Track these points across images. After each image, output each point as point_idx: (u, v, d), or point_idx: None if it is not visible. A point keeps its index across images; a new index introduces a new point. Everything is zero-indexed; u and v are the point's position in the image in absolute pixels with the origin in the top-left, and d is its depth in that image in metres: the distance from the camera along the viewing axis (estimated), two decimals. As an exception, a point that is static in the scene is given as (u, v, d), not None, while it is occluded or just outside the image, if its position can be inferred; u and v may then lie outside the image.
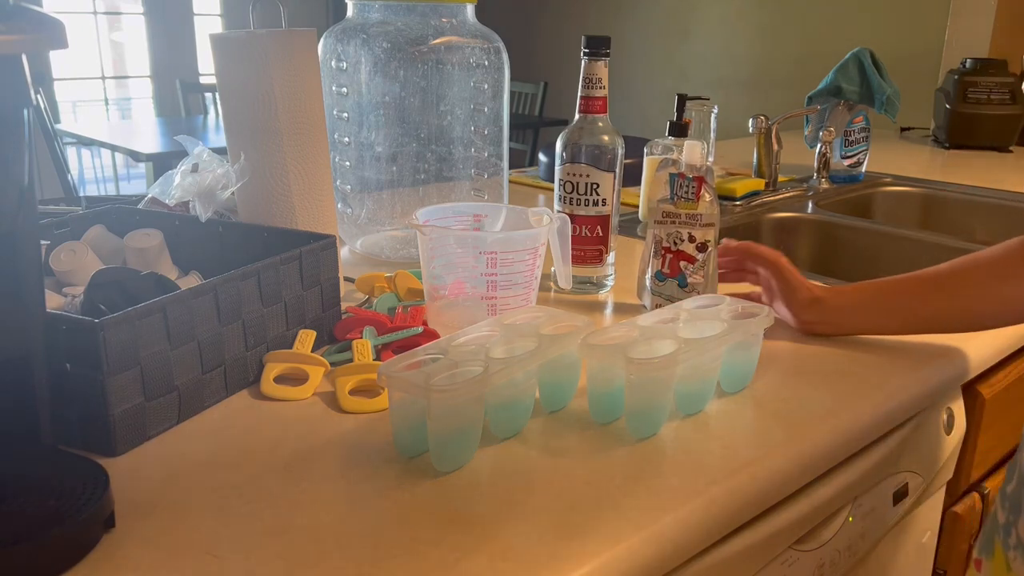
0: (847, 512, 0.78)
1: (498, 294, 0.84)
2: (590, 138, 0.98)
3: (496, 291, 0.84)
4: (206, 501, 0.58)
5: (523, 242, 0.84)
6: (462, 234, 0.89)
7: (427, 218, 0.89)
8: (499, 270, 0.83)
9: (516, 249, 0.83)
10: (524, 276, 0.85)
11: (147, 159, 2.92)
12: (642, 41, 4.02)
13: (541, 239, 0.86)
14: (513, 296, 0.85)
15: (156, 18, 4.41)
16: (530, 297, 0.87)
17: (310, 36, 0.89)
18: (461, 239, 0.86)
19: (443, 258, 0.85)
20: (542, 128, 3.99)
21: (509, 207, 0.95)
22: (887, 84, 1.71)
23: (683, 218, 0.91)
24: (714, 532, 0.62)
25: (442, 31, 1.11)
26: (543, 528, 0.56)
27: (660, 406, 0.69)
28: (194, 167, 0.91)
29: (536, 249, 0.85)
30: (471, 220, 0.93)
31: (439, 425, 0.61)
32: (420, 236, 0.85)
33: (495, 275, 0.84)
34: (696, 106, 1.42)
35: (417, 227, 0.85)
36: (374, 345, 0.81)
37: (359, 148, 1.15)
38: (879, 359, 0.84)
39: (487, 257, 0.82)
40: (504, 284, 0.84)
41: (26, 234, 0.53)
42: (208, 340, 0.70)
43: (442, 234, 0.85)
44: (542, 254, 0.87)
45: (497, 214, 0.94)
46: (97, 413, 0.62)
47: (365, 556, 0.53)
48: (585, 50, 0.96)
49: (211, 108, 3.80)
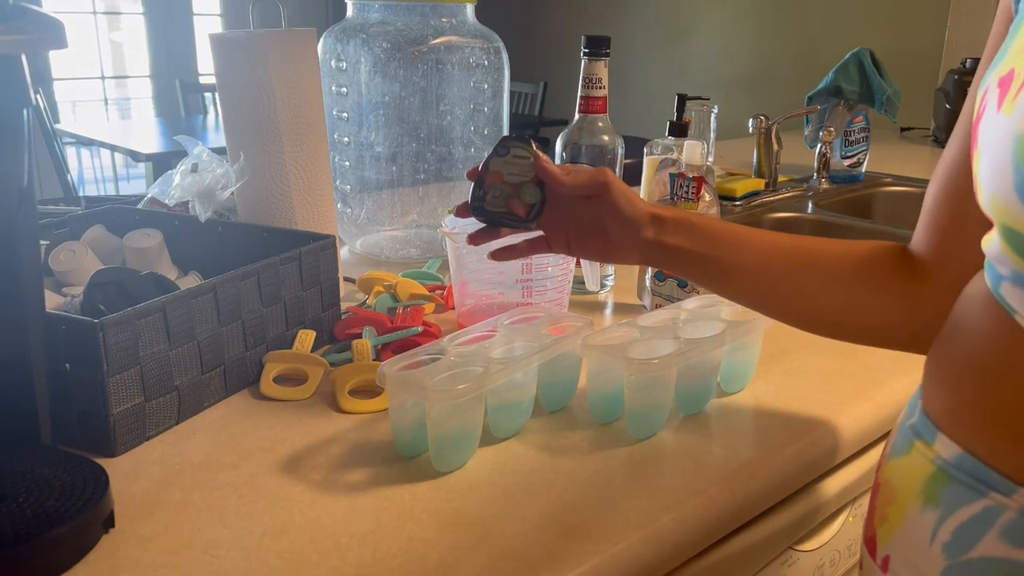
0: (847, 512, 0.78)
1: (533, 299, 0.85)
2: (590, 138, 0.98)
3: (531, 296, 0.84)
4: (206, 501, 0.58)
5: None
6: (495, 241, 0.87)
7: (454, 225, 0.85)
8: (534, 275, 0.83)
9: None
10: (558, 281, 0.85)
11: (147, 159, 2.92)
12: (642, 41, 4.02)
13: None
14: (548, 302, 0.85)
15: (156, 18, 4.41)
16: (563, 301, 0.87)
17: (310, 36, 0.89)
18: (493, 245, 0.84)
19: (474, 265, 0.85)
20: (542, 128, 3.99)
21: None
22: (887, 84, 1.71)
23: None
24: (714, 532, 0.62)
25: (442, 31, 1.11)
26: (543, 528, 0.56)
27: (660, 406, 0.69)
28: (194, 167, 0.91)
29: None
30: None
31: (439, 425, 0.61)
32: (450, 244, 0.84)
33: (530, 280, 0.83)
34: (696, 106, 1.42)
35: (448, 235, 0.84)
36: (374, 345, 0.81)
37: (359, 148, 1.15)
38: (880, 359, 0.84)
39: (522, 263, 0.82)
40: (539, 289, 0.84)
41: (25, 234, 0.53)
42: (208, 340, 0.70)
43: None
44: None
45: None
46: (97, 413, 0.62)
47: (365, 556, 0.53)
48: (585, 50, 0.96)
49: (211, 108, 3.80)
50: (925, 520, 0.50)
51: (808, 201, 1.60)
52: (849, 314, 0.65)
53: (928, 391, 0.53)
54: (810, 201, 1.60)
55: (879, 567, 0.54)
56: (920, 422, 0.53)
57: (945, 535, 0.48)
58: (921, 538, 0.50)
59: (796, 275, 0.65)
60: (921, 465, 0.51)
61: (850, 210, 1.67)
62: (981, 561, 0.46)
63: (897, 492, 0.53)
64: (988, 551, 0.46)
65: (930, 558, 0.49)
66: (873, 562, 0.55)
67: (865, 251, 0.65)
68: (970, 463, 0.48)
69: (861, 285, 0.63)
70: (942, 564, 0.48)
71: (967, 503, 0.47)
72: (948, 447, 0.49)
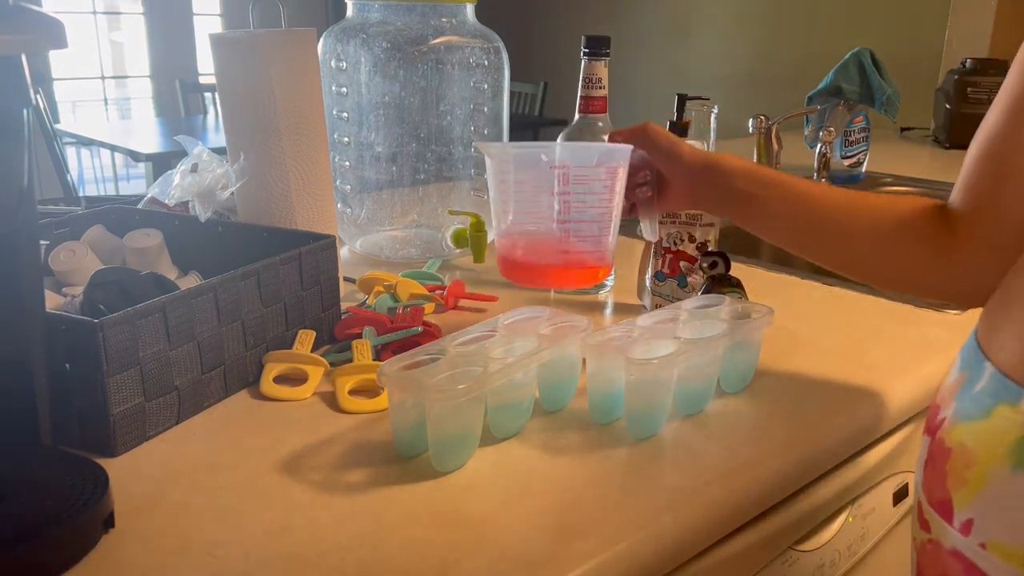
0: (847, 512, 0.78)
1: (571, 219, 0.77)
2: (590, 138, 0.98)
3: (569, 215, 0.77)
4: (206, 501, 0.58)
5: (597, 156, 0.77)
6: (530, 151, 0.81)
7: None
8: (572, 187, 0.76)
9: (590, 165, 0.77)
10: (599, 209, 0.77)
11: (146, 159, 2.92)
12: (642, 41, 4.02)
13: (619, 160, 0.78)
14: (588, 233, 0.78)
15: (156, 18, 4.41)
16: (606, 242, 0.80)
17: (310, 36, 0.89)
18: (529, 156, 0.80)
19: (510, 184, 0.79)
20: (542, 128, 3.99)
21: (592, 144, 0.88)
22: (887, 84, 1.71)
23: (683, 218, 0.91)
24: (714, 532, 0.62)
25: (442, 31, 1.11)
26: (543, 528, 0.56)
27: (660, 406, 0.69)
28: (193, 167, 0.91)
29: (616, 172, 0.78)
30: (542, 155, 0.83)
31: (439, 425, 0.61)
32: (488, 160, 0.79)
33: (568, 195, 0.76)
34: (696, 106, 1.41)
35: (484, 148, 0.79)
36: (374, 345, 0.81)
37: (359, 148, 1.15)
38: (880, 359, 0.84)
39: (560, 172, 0.76)
40: (578, 209, 0.77)
41: (25, 234, 0.53)
42: (208, 340, 0.70)
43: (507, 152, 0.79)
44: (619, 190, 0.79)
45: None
46: (97, 413, 0.62)
47: (365, 556, 0.53)
48: (585, 50, 0.96)
49: (211, 108, 3.80)
50: (1019, 482, 0.51)
51: (808, 201, 1.60)
52: (887, 262, 0.72)
53: (1003, 349, 0.54)
54: (810, 201, 1.60)
55: (958, 531, 0.55)
56: (997, 383, 0.54)
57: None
58: (1015, 499, 0.51)
59: (841, 220, 0.73)
60: (1006, 428, 0.52)
61: (850, 210, 1.67)
62: None
63: (978, 456, 0.54)
64: None
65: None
66: (949, 526, 0.56)
67: (907, 204, 0.71)
68: None
69: (900, 235, 0.70)
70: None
71: None
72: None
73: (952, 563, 0.56)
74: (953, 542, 0.55)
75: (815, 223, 0.74)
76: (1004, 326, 0.55)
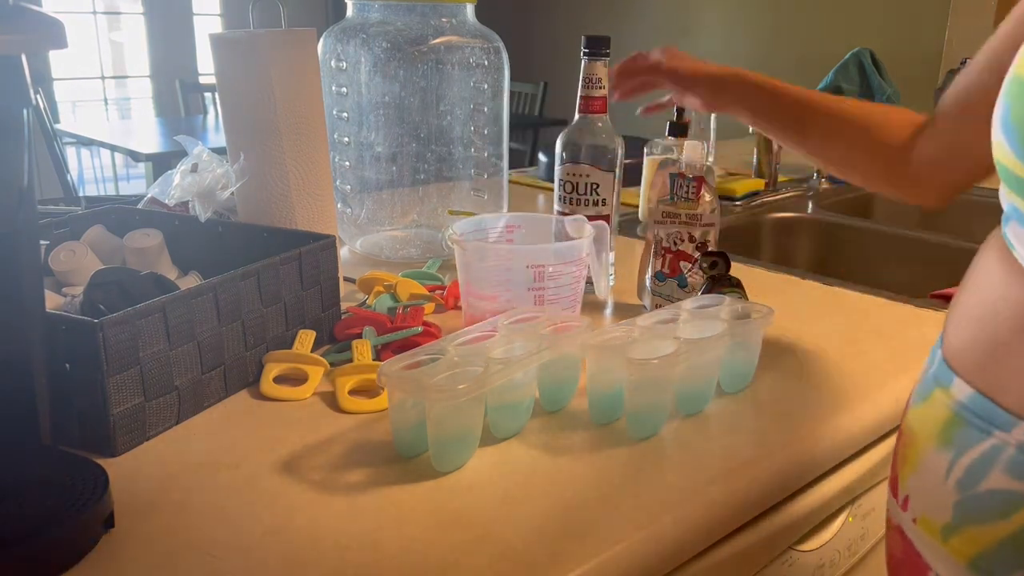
0: (847, 512, 0.78)
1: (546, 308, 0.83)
2: (590, 138, 0.98)
3: (544, 304, 0.83)
4: (206, 501, 0.58)
5: (571, 253, 0.83)
6: (507, 248, 0.87)
7: (462, 231, 0.86)
8: (547, 283, 0.82)
9: (564, 261, 0.82)
10: (571, 288, 0.84)
11: (146, 159, 2.92)
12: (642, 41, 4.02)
13: (586, 249, 0.85)
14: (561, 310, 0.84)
15: (156, 18, 4.41)
16: (576, 308, 0.87)
17: (310, 36, 0.89)
18: (505, 253, 0.84)
19: (484, 273, 0.83)
20: (542, 128, 3.99)
21: (540, 216, 0.96)
22: (887, 84, 1.71)
23: (683, 218, 0.91)
24: (714, 532, 0.62)
25: (442, 31, 1.11)
26: (543, 528, 0.56)
27: (660, 406, 0.69)
28: (193, 167, 0.91)
29: (581, 258, 0.85)
30: (504, 233, 0.92)
31: (439, 425, 0.61)
32: (458, 251, 0.83)
33: (543, 289, 0.82)
34: (696, 106, 1.41)
35: (457, 242, 0.83)
36: (374, 345, 0.81)
37: (359, 148, 1.15)
38: (880, 359, 0.84)
39: (535, 270, 0.81)
40: (552, 298, 0.83)
41: (25, 234, 0.53)
42: (208, 340, 0.70)
43: (483, 249, 0.84)
44: (586, 263, 0.87)
45: (532, 225, 0.93)
46: (97, 413, 0.62)
47: (365, 556, 0.53)
48: (585, 50, 0.96)
49: (211, 108, 3.80)
50: (940, 460, 0.54)
51: (808, 201, 1.60)
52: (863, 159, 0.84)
53: (947, 337, 0.58)
54: (810, 201, 1.60)
55: (900, 506, 0.59)
56: (939, 369, 0.57)
57: (958, 472, 0.52)
58: (937, 477, 0.54)
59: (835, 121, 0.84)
60: (938, 411, 0.56)
61: (850, 210, 1.67)
62: (987, 493, 0.51)
63: (917, 437, 0.57)
64: (994, 484, 0.50)
65: (944, 493, 0.53)
66: (896, 502, 0.60)
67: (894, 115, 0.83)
68: (979, 402, 0.52)
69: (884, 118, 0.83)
70: (954, 498, 0.53)
71: (976, 443, 0.52)
72: (961, 389, 0.53)
73: (897, 539, 0.60)
74: (899, 519, 0.59)
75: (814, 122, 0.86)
76: (952, 314, 0.58)
